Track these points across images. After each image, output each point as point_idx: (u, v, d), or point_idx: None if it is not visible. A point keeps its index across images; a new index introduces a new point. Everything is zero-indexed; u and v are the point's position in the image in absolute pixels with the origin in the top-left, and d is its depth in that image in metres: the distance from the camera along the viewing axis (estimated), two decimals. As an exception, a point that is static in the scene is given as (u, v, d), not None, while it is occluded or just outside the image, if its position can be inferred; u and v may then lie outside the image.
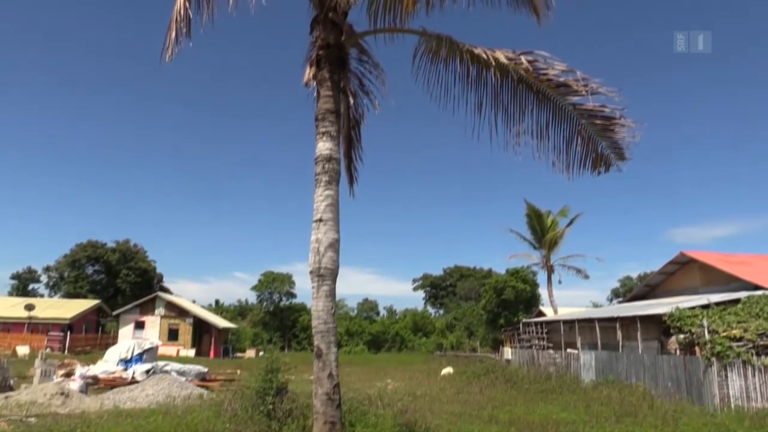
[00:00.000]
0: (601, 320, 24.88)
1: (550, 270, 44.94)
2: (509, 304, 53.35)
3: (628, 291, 55.90)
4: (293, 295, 72.60)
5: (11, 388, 18.32)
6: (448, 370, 29.82)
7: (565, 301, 49.89)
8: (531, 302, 55.01)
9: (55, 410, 14.07)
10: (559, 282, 46.69)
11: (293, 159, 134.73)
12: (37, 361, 20.80)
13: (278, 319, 69.07)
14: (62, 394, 15.56)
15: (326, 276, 5.64)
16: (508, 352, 34.76)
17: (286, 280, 71.62)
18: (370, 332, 64.82)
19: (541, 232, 44.79)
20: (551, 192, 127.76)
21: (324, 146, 6.03)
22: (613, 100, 7.24)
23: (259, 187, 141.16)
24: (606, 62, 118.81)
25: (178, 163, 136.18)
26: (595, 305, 68.29)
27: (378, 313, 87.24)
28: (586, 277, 45.72)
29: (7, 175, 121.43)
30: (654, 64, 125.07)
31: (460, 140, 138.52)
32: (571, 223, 44.73)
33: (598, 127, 7.56)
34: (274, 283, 71.04)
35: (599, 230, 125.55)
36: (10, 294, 71.53)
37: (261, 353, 49.25)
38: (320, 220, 5.79)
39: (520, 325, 35.65)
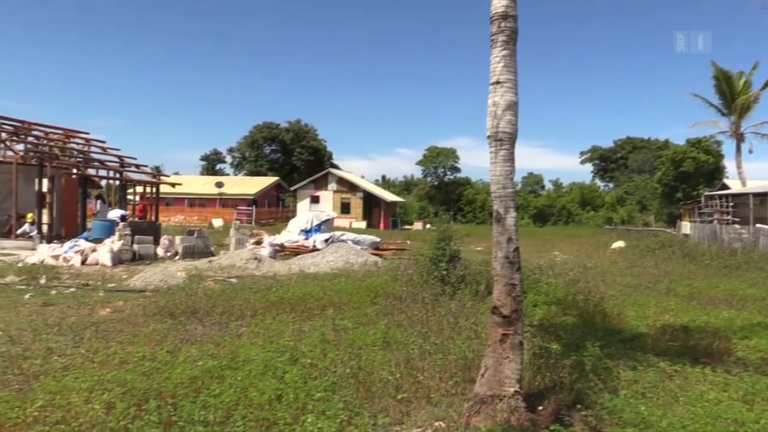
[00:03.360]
0: (800, 192, 22.49)
1: (739, 138, 40.50)
2: (688, 177, 49.72)
3: (835, 161, 49.42)
4: (457, 170, 73.20)
5: (212, 254, 20.71)
6: (619, 243, 28.94)
7: (756, 174, 45.45)
8: (713, 175, 50.81)
9: (251, 272, 15.75)
10: (750, 152, 41.98)
11: (455, 34, 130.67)
12: (232, 231, 23.17)
13: (443, 193, 70.39)
14: (255, 258, 17.33)
15: (504, 140, 5.46)
16: (686, 227, 32.83)
17: (450, 154, 72.02)
18: (536, 206, 64.16)
19: (731, 95, 39.96)
20: (739, 55, 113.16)
21: (499, 3, 5.62)
22: None
23: (420, 63, 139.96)
24: None
25: (339, 44, 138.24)
26: (792, 177, 61.33)
27: (543, 187, 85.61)
28: (784, 145, 40.75)
29: (192, 68, 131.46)
30: None
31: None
32: (768, 84, 39.40)
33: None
34: (438, 158, 71.85)
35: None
36: (201, 174, 79.50)
37: (427, 225, 50.84)
38: (497, 82, 5.52)
39: (702, 198, 33.39)
